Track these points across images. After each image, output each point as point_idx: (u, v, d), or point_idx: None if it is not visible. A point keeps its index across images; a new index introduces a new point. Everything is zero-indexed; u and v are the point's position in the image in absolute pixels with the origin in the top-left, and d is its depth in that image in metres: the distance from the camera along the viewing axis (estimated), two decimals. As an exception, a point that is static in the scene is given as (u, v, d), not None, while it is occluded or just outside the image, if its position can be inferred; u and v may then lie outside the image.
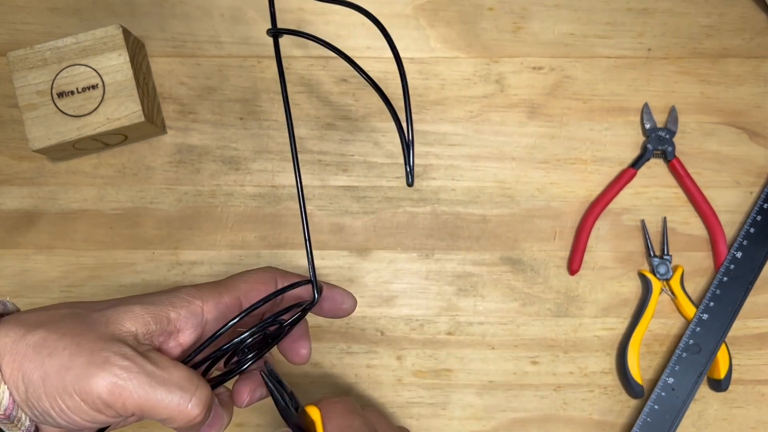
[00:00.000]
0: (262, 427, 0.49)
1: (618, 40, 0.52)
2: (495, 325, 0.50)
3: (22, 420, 0.30)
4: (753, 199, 0.51)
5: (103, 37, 0.47)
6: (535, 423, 0.49)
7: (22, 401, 0.30)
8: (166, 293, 0.34)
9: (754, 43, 0.52)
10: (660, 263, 0.50)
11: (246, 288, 0.36)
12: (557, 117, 0.52)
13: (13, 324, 0.31)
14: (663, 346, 0.50)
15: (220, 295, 0.35)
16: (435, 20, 0.52)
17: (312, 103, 0.51)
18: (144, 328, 0.32)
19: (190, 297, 0.34)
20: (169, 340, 0.33)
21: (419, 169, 0.51)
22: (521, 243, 0.51)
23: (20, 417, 0.30)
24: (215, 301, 0.35)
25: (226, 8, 0.52)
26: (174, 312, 0.33)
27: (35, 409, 0.30)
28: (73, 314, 0.32)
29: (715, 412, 0.49)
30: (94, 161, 0.51)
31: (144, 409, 0.30)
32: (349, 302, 0.39)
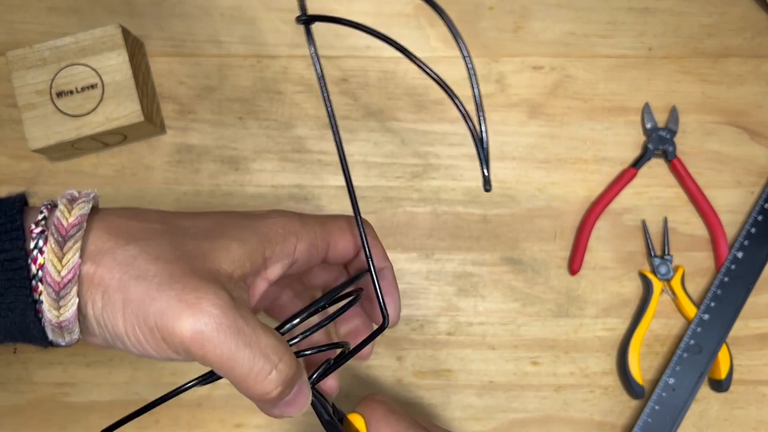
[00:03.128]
0: (261, 427, 0.49)
1: (619, 40, 0.52)
2: (495, 325, 0.50)
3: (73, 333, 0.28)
4: (754, 199, 0.51)
5: (102, 37, 0.47)
6: (536, 424, 0.49)
7: (94, 316, 0.28)
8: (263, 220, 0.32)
9: (755, 42, 0.52)
10: (661, 263, 0.50)
11: (338, 236, 0.34)
12: (558, 117, 0.52)
13: (102, 230, 0.28)
14: (664, 347, 0.50)
15: (315, 236, 0.33)
16: (435, 19, 0.52)
17: (312, 103, 0.51)
18: (240, 271, 0.29)
19: (287, 233, 0.32)
20: (258, 277, 0.31)
21: (419, 168, 0.51)
22: (522, 243, 0.51)
23: (74, 330, 0.28)
24: (309, 242, 0.32)
25: (226, 8, 0.52)
26: (269, 250, 0.31)
27: (106, 330, 0.28)
28: (168, 234, 0.29)
29: (716, 412, 0.49)
30: (93, 161, 0.51)
31: (221, 367, 0.27)
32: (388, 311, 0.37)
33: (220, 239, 0.30)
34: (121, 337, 0.27)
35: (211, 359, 0.27)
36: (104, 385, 0.49)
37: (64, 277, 0.26)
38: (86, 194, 0.29)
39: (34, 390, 0.48)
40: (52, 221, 0.28)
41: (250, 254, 0.30)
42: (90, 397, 0.48)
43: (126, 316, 0.27)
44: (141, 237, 0.28)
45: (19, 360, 0.49)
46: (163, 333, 0.27)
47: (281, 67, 0.51)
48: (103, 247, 0.28)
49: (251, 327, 0.28)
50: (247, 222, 0.31)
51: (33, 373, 0.48)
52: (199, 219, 0.31)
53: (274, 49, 0.52)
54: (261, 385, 0.28)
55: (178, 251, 0.28)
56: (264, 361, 0.28)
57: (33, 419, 0.48)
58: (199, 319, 0.26)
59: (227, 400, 0.49)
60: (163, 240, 0.28)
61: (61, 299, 0.27)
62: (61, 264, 0.27)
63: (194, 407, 0.49)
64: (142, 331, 0.27)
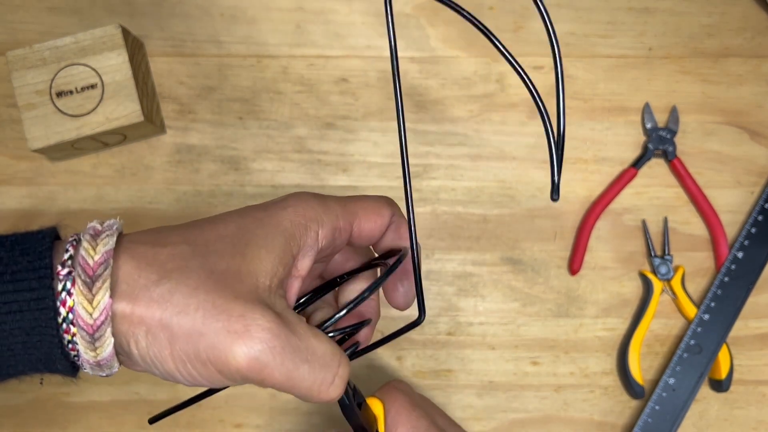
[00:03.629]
0: (261, 428, 0.49)
1: (619, 40, 0.52)
2: (495, 325, 0.50)
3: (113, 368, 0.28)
4: (754, 198, 0.51)
5: (102, 37, 0.47)
6: (536, 424, 0.49)
7: (139, 355, 0.27)
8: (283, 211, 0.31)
9: (755, 42, 0.52)
10: (661, 263, 0.50)
11: (362, 217, 0.33)
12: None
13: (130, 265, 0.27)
14: (664, 347, 0.50)
15: (337, 219, 0.32)
16: (435, 19, 0.52)
17: (312, 103, 0.51)
18: (276, 280, 0.29)
19: (308, 221, 0.31)
20: (291, 277, 0.30)
21: (419, 168, 0.51)
22: (522, 243, 0.50)
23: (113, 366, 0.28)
24: (332, 227, 0.31)
25: (226, 7, 0.52)
26: (295, 246, 0.30)
27: (154, 367, 0.27)
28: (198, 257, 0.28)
29: (716, 412, 0.49)
30: (93, 161, 0.51)
31: (283, 387, 0.27)
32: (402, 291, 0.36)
33: (248, 250, 0.29)
34: (172, 374, 0.27)
35: (272, 383, 0.27)
36: (104, 385, 0.49)
37: (97, 319, 0.26)
38: (109, 226, 0.28)
39: (34, 390, 0.48)
40: (78, 261, 0.27)
41: (281, 259, 0.29)
42: (90, 397, 0.48)
43: (174, 354, 0.27)
44: (172, 267, 0.27)
45: (19, 360, 0.49)
46: (217, 366, 0.27)
47: (281, 67, 0.51)
48: (135, 284, 0.27)
49: (304, 340, 0.28)
50: (268, 219, 0.30)
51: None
52: (221, 227, 0.30)
53: (274, 49, 0.52)
54: (327, 394, 0.28)
55: (213, 276, 0.28)
56: (325, 372, 0.28)
57: (33, 419, 0.48)
58: (252, 347, 0.26)
59: (227, 400, 0.49)
60: (195, 265, 0.28)
61: (96, 341, 0.27)
62: (92, 306, 0.26)
63: (194, 407, 0.48)
64: (194, 366, 0.27)
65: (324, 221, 0.31)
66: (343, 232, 0.32)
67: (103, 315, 0.26)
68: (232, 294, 0.27)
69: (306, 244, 0.30)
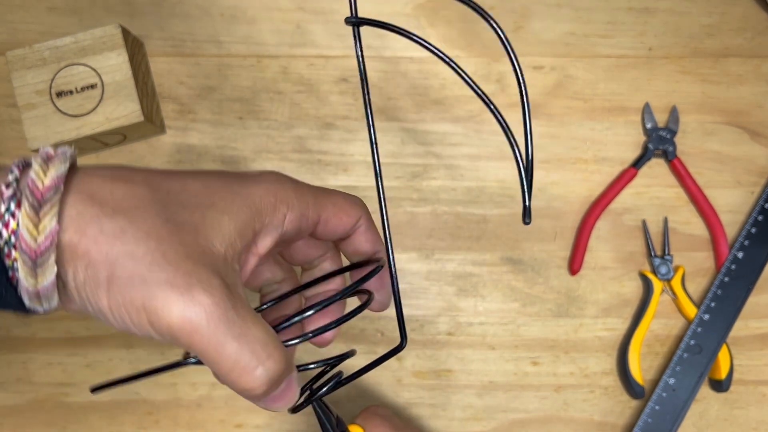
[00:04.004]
0: (261, 428, 0.49)
1: (619, 40, 0.52)
2: (495, 325, 0.50)
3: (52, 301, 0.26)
4: (754, 198, 0.51)
5: (102, 37, 0.47)
6: (536, 424, 0.49)
7: (75, 288, 0.26)
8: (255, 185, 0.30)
9: (755, 42, 0.52)
10: (661, 263, 0.50)
11: (331, 210, 0.32)
12: (558, 116, 0.51)
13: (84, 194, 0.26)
14: (664, 347, 0.50)
15: (308, 207, 0.31)
16: (435, 19, 0.52)
17: (312, 103, 0.51)
18: (231, 250, 0.28)
19: (278, 201, 0.30)
20: (248, 253, 0.29)
21: (419, 168, 0.51)
22: (522, 243, 0.50)
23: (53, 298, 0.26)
24: (299, 213, 0.31)
25: (226, 7, 0.52)
26: (259, 222, 0.29)
27: (88, 303, 0.26)
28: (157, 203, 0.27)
29: (716, 412, 0.49)
30: (93, 161, 0.51)
31: (206, 357, 0.26)
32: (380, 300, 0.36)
33: (210, 212, 0.28)
34: (103, 313, 0.26)
35: (197, 349, 0.26)
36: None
37: (41, 244, 0.25)
38: (62, 152, 0.27)
39: (34, 390, 0.48)
40: (26, 183, 0.26)
41: (241, 230, 0.28)
42: (90, 397, 0.48)
43: (111, 293, 0.25)
44: (129, 206, 0.26)
45: (19, 360, 0.49)
46: (150, 316, 0.25)
47: (281, 67, 0.51)
48: (86, 214, 0.26)
49: (242, 318, 0.27)
50: (238, 187, 0.30)
51: (33, 373, 0.48)
52: (188, 181, 0.29)
53: (274, 49, 0.52)
54: (245, 381, 0.27)
55: (169, 225, 0.27)
56: (251, 357, 0.26)
57: (33, 419, 0.48)
58: (189, 307, 0.25)
59: (227, 400, 0.49)
60: (153, 210, 0.27)
61: (38, 267, 0.25)
62: (37, 230, 0.25)
63: (194, 407, 0.49)
64: (128, 310, 0.26)
65: (294, 206, 0.30)
66: (310, 221, 0.31)
67: (48, 241, 0.25)
68: (184, 250, 0.26)
69: (271, 224, 0.30)
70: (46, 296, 0.26)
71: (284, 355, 0.28)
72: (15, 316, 0.28)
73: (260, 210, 0.29)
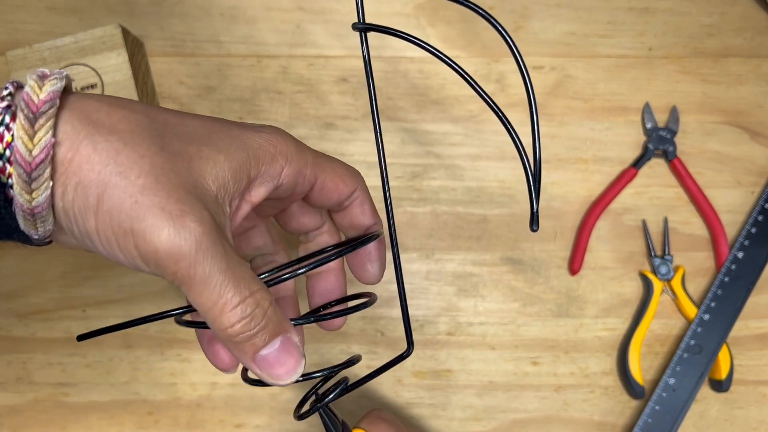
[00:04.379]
0: (261, 428, 0.49)
1: (619, 40, 0.52)
2: (495, 325, 0.50)
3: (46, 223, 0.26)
4: (754, 199, 0.51)
5: (101, 37, 0.47)
6: (536, 424, 0.49)
7: (63, 208, 0.25)
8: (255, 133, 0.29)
9: (755, 42, 0.52)
10: (661, 263, 0.50)
11: (328, 175, 0.32)
12: (558, 116, 0.51)
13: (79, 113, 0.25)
14: (664, 347, 0.50)
15: (305, 164, 0.31)
16: (435, 19, 0.52)
17: (312, 103, 0.51)
18: (223, 191, 0.27)
19: (277, 153, 0.29)
20: (241, 199, 0.29)
21: (419, 168, 0.51)
22: (522, 243, 0.50)
23: (47, 219, 0.26)
24: (297, 169, 0.30)
25: (226, 7, 0.52)
26: (255, 169, 0.29)
27: (75, 225, 0.26)
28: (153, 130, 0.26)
29: (716, 412, 0.49)
30: (93, 161, 0.51)
31: (191, 288, 0.26)
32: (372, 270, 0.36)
33: (206, 149, 0.27)
34: (90, 235, 0.26)
35: (182, 278, 0.25)
36: (104, 385, 0.49)
37: (36, 156, 0.24)
38: (58, 72, 0.26)
39: (34, 390, 0.48)
40: (21, 97, 0.25)
41: (235, 172, 0.28)
42: (90, 397, 0.48)
43: (100, 214, 0.25)
44: (124, 128, 0.26)
45: (19, 360, 0.49)
46: (138, 240, 0.25)
47: (281, 67, 0.51)
48: (81, 131, 0.25)
49: (229, 255, 0.26)
50: (238, 132, 0.29)
51: (33, 373, 0.48)
52: (186, 118, 0.29)
53: (274, 49, 0.52)
54: (227, 318, 0.26)
55: (164, 153, 0.26)
56: (233, 291, 0.26)
57: (33, 419, 0.48)
58: (180, 233, 0.25)
59: (227, 400, 0.49)
60: (149, 137, 0.26)
61: (33, 181, 0.25)
62: (33, 143, 0.24)
63: (194, 407, 0.49)
64: (115, 233, 0.25)
65: (293, 161, 0.30)
66: (307, 181, 0.31)
67: (43, 153, 0.24)
68: (177, 179, 0.26)
69: (267, 173, 0.29)
70: (41, 216, 0.26)
71: (269, 298, 0.27)
72: (16, 319, 0.28)
73: (258, 156, 0.29)
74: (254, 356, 0.27)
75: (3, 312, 0.49)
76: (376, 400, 0.49)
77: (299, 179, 0.31)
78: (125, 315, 0.49)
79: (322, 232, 0.36)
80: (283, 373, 0.28)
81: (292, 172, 0.30)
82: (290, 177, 0.30)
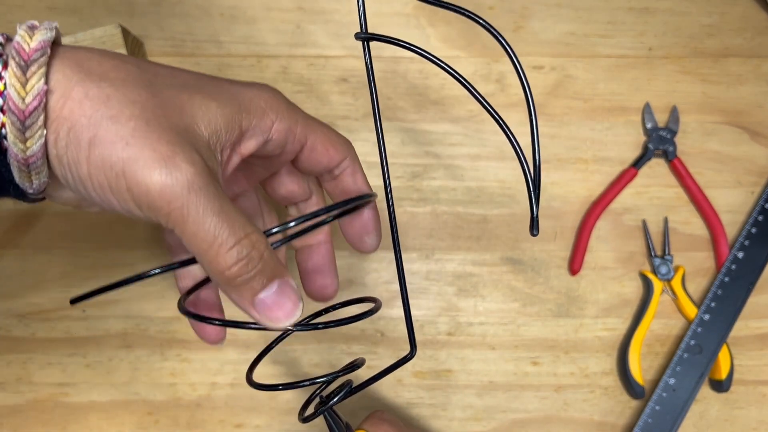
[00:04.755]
0: (261, 428, 0.49)
1: (619, 40, 0.52)
2: (495, 325, 0.50)
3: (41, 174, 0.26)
4: (754, 199, 0.51)
5: (101, 37, 0.47)
6: (536, 424, 0.49)
7: (57, 155, 0.25)
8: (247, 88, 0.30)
9: (755, 42, 0.52)
10: (661, 263, 0.50)
11: (319, 138, 0.32)
12: (558, 116, 0.51)
13: (70, 62, 0.25)
14: (664, 347, 0.50)
15: (296, 123, 0.31)
16: (435, 19, 0.52)
17: (312, 103, 0.51)
18: (215, 138, 0.27)
19: (268, 107, 0.29)
20: (232, 150, 0.29)
21: (419, 168, 0.51)
22: (522, 243, 0.50)
23: (42, 170, 0.26)
24: (287, 126, 0.30)
25: (226, 7, 0.52)
26: (246, 121, 0.29)
27: (69, 172, 0.26)
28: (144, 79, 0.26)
29: (716, 412, 0.49)
30: (93, 161, 0.51)
31: (184, 230, 0.25)
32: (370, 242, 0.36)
33: (197, 96, 0.27)
34: (83, 181, 0.25)
35: (176, 218, 0.25)
36: (104, 385, 0.49)
37: (29, 104, 0.24)
38: (47, 23, 0.26)
39: (34, 390, 0.48)
40: (12, 47, 0.25)
41: (227, 120, 0.28)
42: (90, 397, 0.48)
43: (92, 158, 0.25)
44: (115, 76, 0.26)
45: (19, 360, 0.49)
46: (130, 181, 0.25)
47: (281, 67, 0.51)
48: (72, 78, 0.25)
49: (222, 197, 0.26)
50: (229, 85, 0.29)
51: (33, 373, 0.48)
52: (177, 70, 0.29)
53: (274, 49, 0.52)
54: (223, 259, 0.26)
55: (155, 99, 0.26)
56: (229, 232, 0.26)
57: (33, 419, 0.48)
58: (171, 173, 0.25)
59: (227, 400, 0.49)
60: (140, 83, 0.26)
61: (27, 129, 0.24)
62: (25, 90, 0.24)
63: (194, 407, 0.49)
64: (108, 176, 0.25)
65: (284, 117, 0.30)
66: (296, 140, 0.31)
67: (36, 100, 0.24)
68: (168, 123, 0.26)
69: (257, 126, 0.29)
70: (36, 167, 0.26)
71: (264, 241, 0.27)
72: (16, 319, 0.28)
73: (249, 109, 0.29)
74: (252, 300, 0.27)
75: (3, 312, 0.49)
76: (376, 401, 0.49)
77: (289, 137, 0.31)
78: (125, 315, 0.49)
79: (311, 204, 0.36)
80: (282, 316, 0.28)
81: (282, 128, 0.30)
82: (280, 133, 0.30)
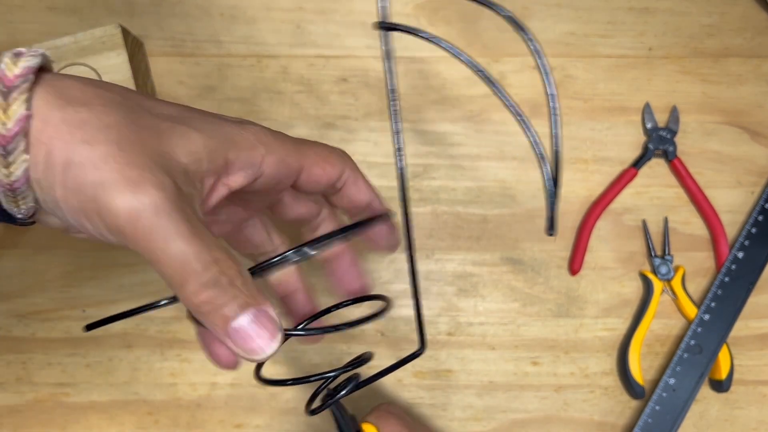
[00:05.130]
0: (261, 428, 0.49)
1: (619, 40, 0.52)
2: (495, 325, 0.50)
3: (27, 199, 0.26)
4: (754, 199, 0.51)
5: (101, 37, 0.47)
6: (536, 424, 0.49)
7: (36, 180, 0.26)
8: (234, 124, 0.30)
9: (755, 42, 0.52)
10: (661, 263, 0.50)
11: (313, 160, 0.32)
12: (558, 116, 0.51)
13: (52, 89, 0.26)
14: (664, 347, 0.50)
15: (288, 153, 0.31)
16: (435, 19, 0.52)
17: (312, 103, 0.51)
18: (195, 166, 0.27)
19: (257, 141, 0.29)
20: (218, 180, 0.29)
21: (419, 168, 0.51)
22: (522, 243, 0.50)
23: (28, 195, 0.26)
24: (279, 157, 0.30)
25: (226, 7, 0.52)
26: (233, 153, 0.28)
27: (47, 196, 0.26)
28: (124, 106, 0.27)
29: (716, 412, 0.49)
30: (93, 161, 0.51)
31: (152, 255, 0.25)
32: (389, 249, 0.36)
33: (179, 127, 0.27)
34: (60, 205, 0.26)
35: (143, 245, 0.25)
36: (104, 385, 0.49)
37: (11, 129, 0.25)
38: (34, 50, 0.27)
39: (34, 390, 0.48)
40: None
41: (210, 151, 0.27)
42: (90, 397, 0.48)
43: (66, 182, 0.25)
44: (95, 102, 0.26)
45: (19, 360, 0.49)
46: (99, 206, 0.25)
47: (281, 67, 0.51)
48: (53, 105, 0.25)
49: (191, 221, 0.25)
50: (217, 120, 0.29)
51: (33, 373, 0.48)
52: (163, 103, 0.29)
53: (274, 49, 0.52)
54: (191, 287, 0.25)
55: (133, 125, 0.26)
56: (196, 257, 0.25)
57: (33, 419, 0.48)
58: (137, 197, 0.24)
59: (227, 400, 0.49)
60: (120, 111, 0.26)
61: (9, 155, 0.25)
62: (7, 116, 0.25)
63: (194, 407, 0.49)
64: (80, 201, 0.25)
65: (274, 150, 0.30)
66: (291, 168, 0.31)
67: (18, 127, 0.25)
68: (142, 149, 0.25)
69: (247, 160, 0.29)
70: (21, 192, 0.26)
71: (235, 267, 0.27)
72: (16, 319, 0.28)
73: (236, 142, 0.29)
74: (226, 329, 0.26)
75: (3, 312, 0.49)
76: (376, 401, 0.49)
77: (282, 168, 0.30)
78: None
79: (322, 219, 0.36)
80: (257, 348, 0.27)
81: (273, 161, 0.30)
82: (272, 166, 0.30)
